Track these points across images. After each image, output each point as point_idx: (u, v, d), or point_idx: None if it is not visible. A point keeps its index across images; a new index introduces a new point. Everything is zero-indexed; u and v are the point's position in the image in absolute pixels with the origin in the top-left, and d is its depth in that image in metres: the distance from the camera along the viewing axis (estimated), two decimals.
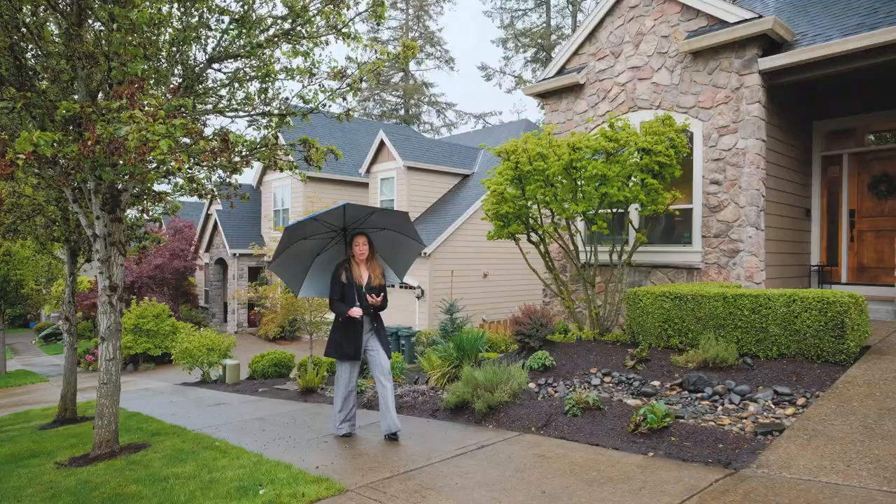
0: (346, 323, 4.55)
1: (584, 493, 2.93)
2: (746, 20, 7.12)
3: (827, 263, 8.91)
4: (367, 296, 4.52)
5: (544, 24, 35.37)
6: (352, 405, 4.77)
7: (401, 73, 40.16)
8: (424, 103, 41.48)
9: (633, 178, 6.80)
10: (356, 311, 4.44)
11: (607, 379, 5.45)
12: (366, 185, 20.50)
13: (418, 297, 15.98)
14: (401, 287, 15.84)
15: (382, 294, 4.65)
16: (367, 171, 19.39)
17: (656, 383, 5.12)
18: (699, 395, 4.69)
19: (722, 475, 3.00)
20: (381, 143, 18.60)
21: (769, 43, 7.26)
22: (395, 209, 5.11)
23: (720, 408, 4.40)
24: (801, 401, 4.20)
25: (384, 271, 4.88)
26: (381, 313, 4.79)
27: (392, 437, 4.47)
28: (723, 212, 7.48)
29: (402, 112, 41.10)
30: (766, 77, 7.24)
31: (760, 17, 7.05)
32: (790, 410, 4.07)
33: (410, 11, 39.89)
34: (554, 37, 34.64)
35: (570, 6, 34.27)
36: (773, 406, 4.24)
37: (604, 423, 4.18)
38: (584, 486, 3.02)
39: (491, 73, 37.64)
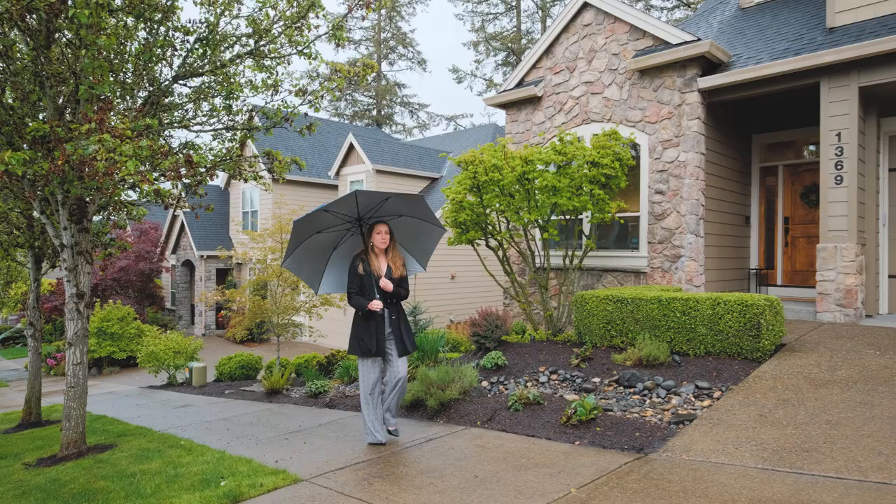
0: (366, 317, 4.31)
1: (510, 477, 3.33)
2: (687, 42, 7.67)
3: (765, 267, 9.59)
4: (381, 280, 4.26)
5: (514, 29, 36.02)
6: (377, 405, 4.44)
7: (373, 74, 40.25)
8: (397, 104, 41.72)
9: (583, 189, 7.28)
10: (376, 305, 4.21)
11: (553, 377, 5.88)
12: (335, 187, 20.67)
13: None
14: None
15: (402, 282, 4.42)
16: (337, 173, 19.58)
17: (597, 380, 5.57)
18: (632, 389, 5.16)
19: (632, 459, 3.44)
20: (351, 146, 18.82)
21: (708, 63, 7.83)
22: (411, 193, 5.00)
23: (648, 401, 4.86)
24: (717, 394, 4.70)
25: (405, 261, 4.65)
26: (402, 304, 4.53)
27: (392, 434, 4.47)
28: (666, 220, 8.02)
29: (374, 113, 41.23)
30: (706, 95, 7.81)
31: (699, 39, 7.60)
32: (707, 402, 4.55)
33: (383, 12, 40.02)
34: (524, 41, 35.31)
35: (540, 11, 35.00)
36: (693, 399, 4.72)
37: (542, 416, 4.60)
38: (512, 471, 3.43)
39: (462, 76, 38.13)
